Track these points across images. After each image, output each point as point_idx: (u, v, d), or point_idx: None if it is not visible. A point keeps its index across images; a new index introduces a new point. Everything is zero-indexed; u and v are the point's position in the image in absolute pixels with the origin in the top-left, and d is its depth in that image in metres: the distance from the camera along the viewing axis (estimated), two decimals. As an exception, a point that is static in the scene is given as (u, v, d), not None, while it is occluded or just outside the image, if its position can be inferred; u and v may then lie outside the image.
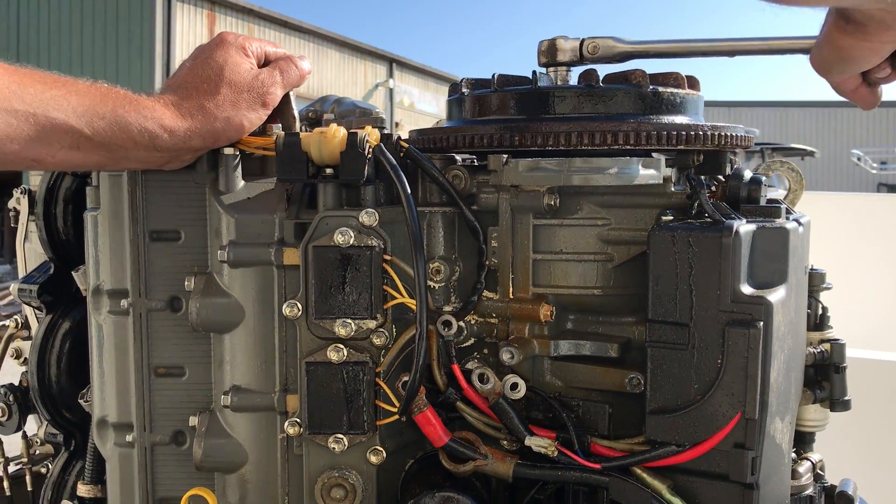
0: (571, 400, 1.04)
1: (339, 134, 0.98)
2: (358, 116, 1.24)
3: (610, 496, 0.98)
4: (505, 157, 1.00)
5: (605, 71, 1.07)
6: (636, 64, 1.09)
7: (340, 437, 1.00)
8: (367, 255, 0.98)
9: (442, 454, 1.02)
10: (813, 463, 1.18)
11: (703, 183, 1.01)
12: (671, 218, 0.99)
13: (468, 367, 1.04)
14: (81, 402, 1.18)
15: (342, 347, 0.99)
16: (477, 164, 1.10)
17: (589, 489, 1.01)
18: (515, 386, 1.00)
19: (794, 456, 1.16)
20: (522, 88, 1.07)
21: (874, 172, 19.63)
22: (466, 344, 1.06)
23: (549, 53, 1.12)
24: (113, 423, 1.10)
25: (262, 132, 1.06)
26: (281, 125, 1.09)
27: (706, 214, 0.97)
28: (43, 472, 1.40)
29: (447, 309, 1.05)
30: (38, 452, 1.45)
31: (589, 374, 1.02)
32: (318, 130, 0.99)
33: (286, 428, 1.02)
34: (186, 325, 1.04)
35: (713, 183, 1.11)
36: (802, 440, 1.20)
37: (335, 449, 1.00)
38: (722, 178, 1.11)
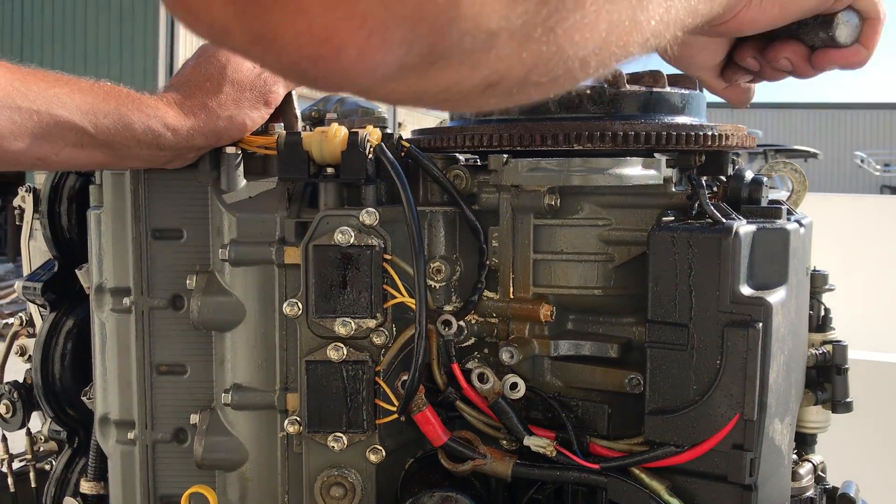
0: (571, 400, 1.04)
1: (340, 133, 0.99)
2: (360, 116, 1.25)
3: (608, 496, 0.98)
4: (506, 156, 1.00)
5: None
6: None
7: (340, 435, 1.00)
8: (367, 254, 0.98)
9: (441, 453, 1.03)
10: (814, 464, 1.18)
11: (703, 184, 1.01)
12: (671, 218, 0.99)
13: (468, 366, 1.04)
14: (84, 399, 1.19)
15: (342, 346, 0.99)
16: (478, 163, 1.10)
17: (587, 489, 1.01)
18: (515, 386, 1.01)
19: (795, 457, 1.16)
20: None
21: (877, 174, 19.59)
22: (466, 343, 1.06)
23: None
24: (115, 420, 1.10)
25: (264, 131, 1.06)
26: (283, 124, 1.09)
27: (706, 215, 0.97)
28: (46, 468, 1.40)
29: (447, 308, 1.05)
30: (41, 449, 1.45)
31: (589, 374, 1.02)
32: (319, 130, 1.00)
33: (286, 426, 1.02)
34: (188, 323, 1.05)
35: (715, 184, 1.11)
36: (804, 442, 1.20)
37: (335, 447, 1.00)
38: (723, 178, 1.11)
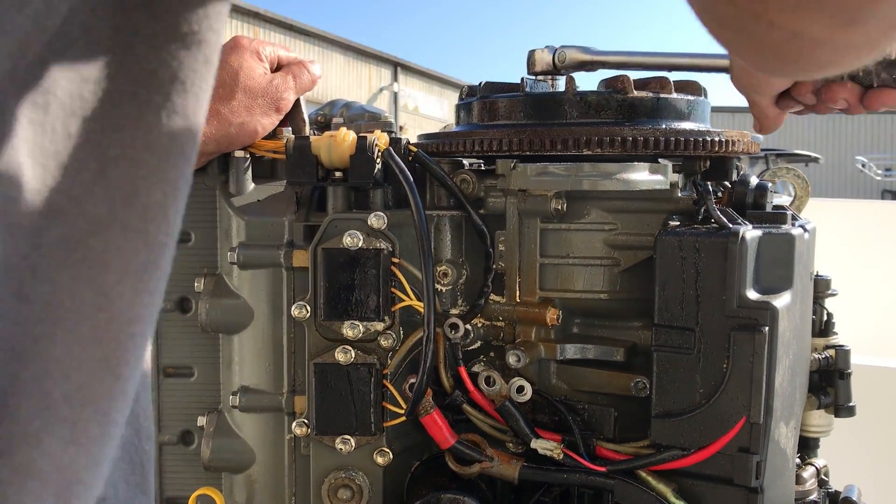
0: (577, 403, 1.05)
1: (348, 138, 0.99)
2: (367, 121, 1.25)
3: (615, 499, 0.99)
4: (513, 161, 1.01)
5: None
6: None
7: (347, 437, 1.00)
8: (375, 257, 0.98)
9: (448, 456, 1.03)
10: (817, 468, 1.18)
11: (709, 189, 1.02)
12: (678, 223, 1.00)
13: (475, 369, 1.04)
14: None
15: (350, 349, 0.99)
16: (485, 168, 1.10)
17: (594, 492, 1.02)
18: (521, 389, 1.01)
19: (798, 461, 1.16)
20: (535, 94, 1.08)
21: (878, 179, 19.59)
22: (473, 347, 1.06)
23: (528, 64, 1.13)
24: (122, 422, 1.11)
25: (272, 135, 1.07)
26: (291, 129, 1.10)
27: (712, 220, 0.97)
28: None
29: (454, 312, 1.06)
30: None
31: (595, 377, 1.03)
32: (328, 134, 1.00)
33: (294, 428, 1.03)
34: (196, 325, 1.05)
35: (720, 189, 1.12)
36: (807, 446, 1.21)
37: (342, 450, 1.01)
38: (728, 184, 1.12)
